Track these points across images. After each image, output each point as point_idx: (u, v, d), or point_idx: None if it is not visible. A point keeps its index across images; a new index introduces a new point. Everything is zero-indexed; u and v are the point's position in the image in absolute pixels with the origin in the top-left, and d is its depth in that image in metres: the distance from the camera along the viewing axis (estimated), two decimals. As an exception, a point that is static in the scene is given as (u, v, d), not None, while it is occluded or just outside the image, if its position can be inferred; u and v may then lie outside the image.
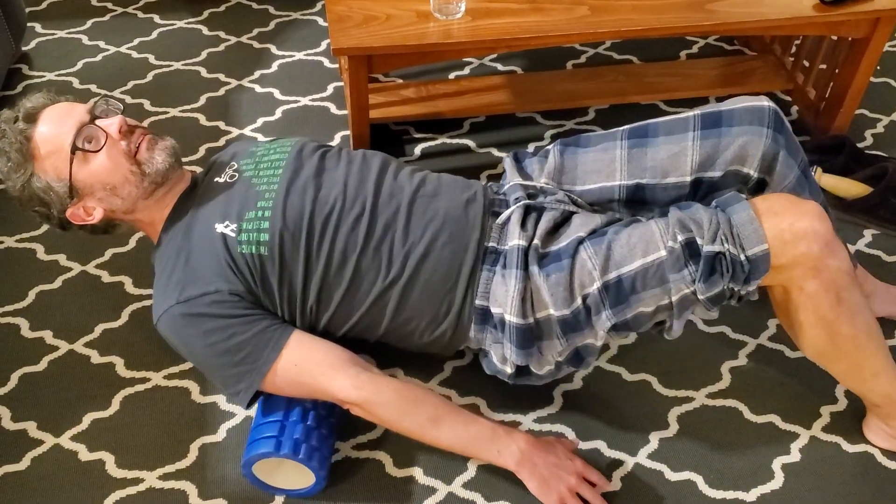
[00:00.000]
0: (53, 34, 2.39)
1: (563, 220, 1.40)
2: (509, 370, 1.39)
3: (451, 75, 2.24)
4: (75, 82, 2.23)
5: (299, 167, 1.41)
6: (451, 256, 1.37)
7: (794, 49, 2.13)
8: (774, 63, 2.15)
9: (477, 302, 1.37)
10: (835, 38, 1.97)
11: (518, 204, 1.40)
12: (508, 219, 1.40)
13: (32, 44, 2.36)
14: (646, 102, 2.16)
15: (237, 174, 1.43)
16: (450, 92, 2.07)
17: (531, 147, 2.04)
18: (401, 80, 2.20)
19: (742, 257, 1.23)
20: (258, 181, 1.40)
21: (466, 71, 2.26)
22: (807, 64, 2.11)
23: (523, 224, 1.37)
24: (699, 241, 1.24)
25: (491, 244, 1.39)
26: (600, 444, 1.47)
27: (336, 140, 2.06)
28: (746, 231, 1.23)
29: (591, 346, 1.36)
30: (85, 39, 2.38)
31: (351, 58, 1.72)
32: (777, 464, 1.45)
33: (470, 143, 2.06)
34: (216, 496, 1.41)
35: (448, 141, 2.07)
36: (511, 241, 1.36)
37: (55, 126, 1.34)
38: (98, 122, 1.35)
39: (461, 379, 1.57)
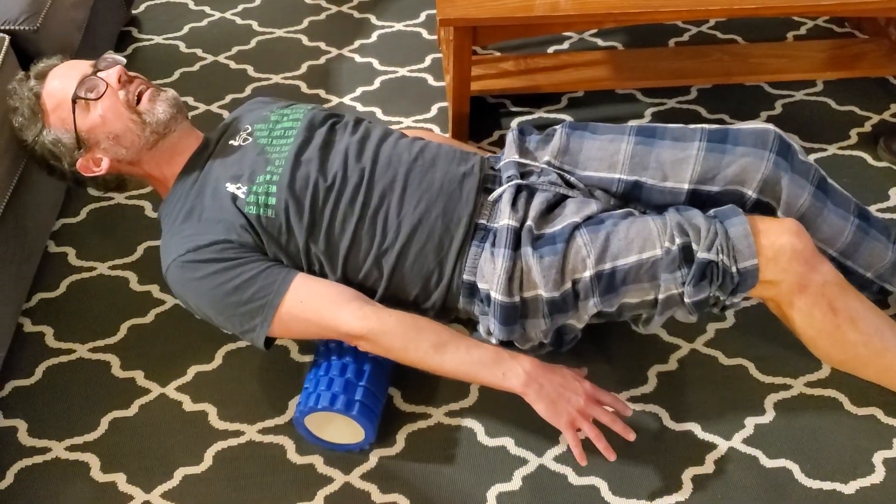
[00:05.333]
0: (162, -1, 2.46)
1: (557, 203, 1.41)
2: (494, 342, 1.40)
3: (550, 49, 2.23)
4: (182, 46, 2.29)
5: (309, 138, 1.45)
6: (443, 229, 1.39)
7: (910, 33, 2.05)
8: (889, 47, 2.07)
9: (465, 276, 1.39)
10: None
11: (510, 183, 1.41)
12: (500, 197, 1.41)
13: (142, 7, 2.43)
14: (750, 83, 2.11)
15: (250, 138, 1.47)
16: (549, 66, 2.06)
17: (630, 122, 2.02)
18: (499, 53, 2.20)
19: (733, 269, 1.28)
20: (270, 148, 1.44)
21: (566, 45, 2.24)
22: (924, 48, 2.03)
23: (514, 204, 1.39)
24: (695, 246, 1.29)
25: (481, 221, 1.41)
26: (694, 427, 1.46)
27: (433, 112, 2.07)
28: (741, 245, 1.28)
29: (572, 326, 1.39)
30: (191, 4, 2.43)
31: (457, 29, 1.73)
32: (878, 458, 1.42)
33: (567, 118, 2.05)
34: (313, 452, 1.45)
35: (545, 115, 2.06)
36: (501, 220, 1.38)
37: (60, 80, 1.42)
38: (99, 73, 1.41)
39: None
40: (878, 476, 1.39)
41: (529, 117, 2.05)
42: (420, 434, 1.47)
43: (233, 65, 2.23)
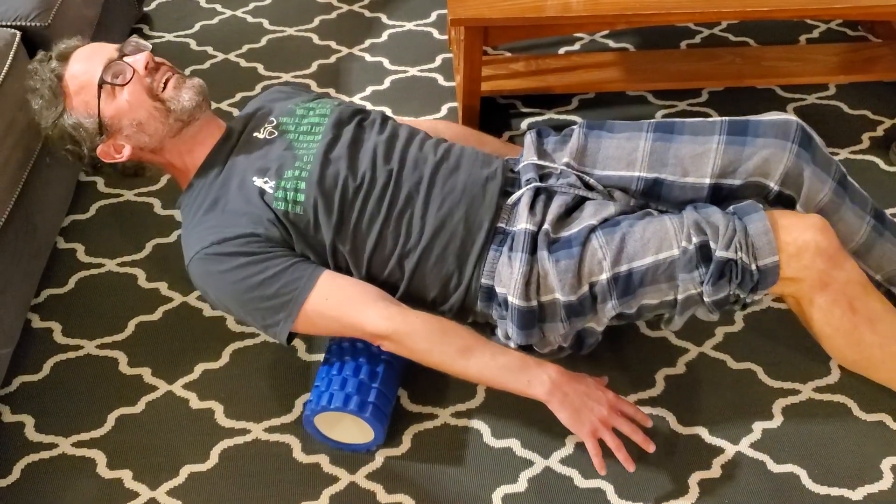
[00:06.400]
0: (173, -4, 2.47)
1: (575, 206, 1.40)
2: (513, 346, 1.39)
3: (561, 50, 2.22)
4: (192, 44, 2.29)
5: (337, 135, 1.44)
6: (465, 232, 1.39)
7: (924, 37, 2.04)
8: (902, 51, 2.06)
9: (483, 280, 1.38)
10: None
11: (529, 186, 1.40)
12: (519, 200, 1.40)
13: (153, 4, 2.43)
14: (762, 86, 2.10)
15: (276, 131, 1.46)
16: (560, 67, 2.05)
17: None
18: (509, 54, 2.19)
19: (753, 267, 1.26)
20: (297, 143, 1.43)
21: (577, 47, 2.23)
22: (938, 53, 2.01)
23: (532, 207, 1.38)
24: (713, 245, 1.27)
25: (500, 224, 1.40)
26: (701, 431, 1.46)
27: (443, 112, 2.07)
28: (761, 241, 1.26)
29: (592, 329, 1.37)
30: (202, 2, 2.44)
31: (468, 29, 1.72)
32: (886, 464, 1.41)
33: (578, 119, 2.05)
34: (319, 451, 1.45)
35: (555, 117, 2.06)
36: (519, 223, 1.37)
37: (85, 63, 1.39)
38: (126, 58, 1.39)
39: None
40: (887, 482, 1.38)
41: (540, 118, 2.05)
42: (426, 434, 1.47)
43: (243, 63, 2.23)
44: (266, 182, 1.39)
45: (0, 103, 1.48)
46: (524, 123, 2.04)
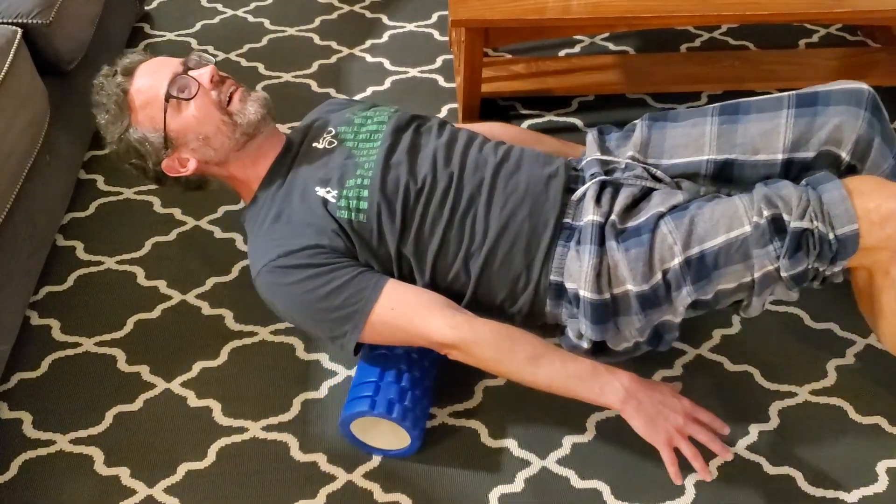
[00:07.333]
0: (174, -5, 2.47)
1: (643, 197, 1.38)
2: (585, 345, 1.38)
3: (562, 53, 2.23)
4: (193, 43, 2.30)
5: (396, 141, 1.44)
6: (530, 231, 1.37)
7: (923, 42, 2.04)
8: (901, 56, 2.07)
9: (552, 277, 1.37)
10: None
11: (594, 180, 1.39)
12: (584, 195, 1.39)
13: (154, 3, 2.44)
14: (761, 90, 2.10)
15: (335, 141, 1.46)
16: (560, 69, 2.06)
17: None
18: (510, 55, 2.20)
19: (831, 236, 1.21)
20: (357, 152, 1.43)
21: (577, 49, 2.24)
22: (936, 58, 2.02)
23: (598, 200, 1.36)
24: (786, 217, 1.23)
25: (566, 220, 1.39)
26: (698, 432, 1.46)
27: (443, 113, 2.08)
28: (837, 210, 1.22)
29: (670, 322, 1.35)
30: (203, 1, 2.44)
31: (468, 30, 1.73)
32: (882, 467, 1.41)
33: (577, 121, 2.05)
34: (316, 450, 1.45)
35: (555, 119, 2.06)
36: (586, 216, 1.35)
37: (150, 77, 1.39)
38: (190, 72, 1.40)
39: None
40: (882, 485, 1.39)
41: (539, 120, 2.05)
42: (424, 434, 1.47)
43: (244, 62, 2.23)
44: (328, 192, 1.38)
45: (1, 101, 1.48)
46: (524, 125, 2.04)
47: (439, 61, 2.23)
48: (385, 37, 2.31)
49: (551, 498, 1.39)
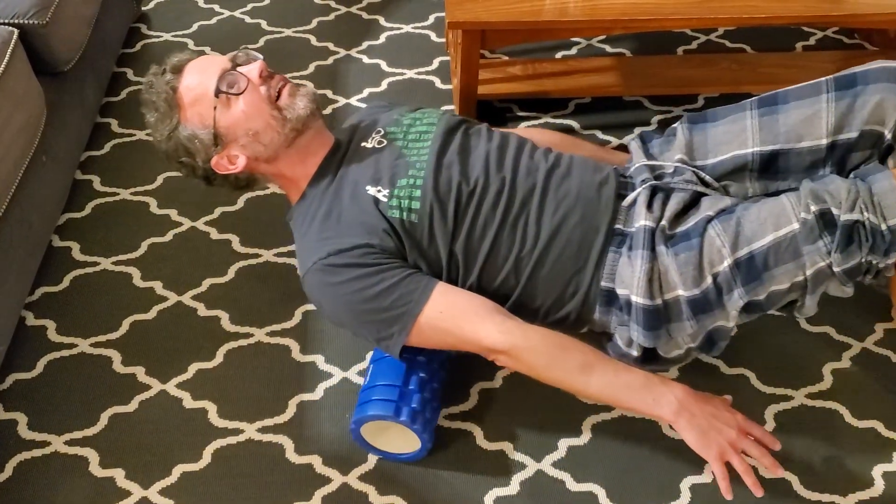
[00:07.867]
0: (171, -5, 2.47)
1: (692, 203, 1.38)
2: (635, 353, 1.37)
3: (558, 55, 2.23)
4: (190, 44, 2.29)
5: (447, 142, 1.43)
6: (581, 237, 1.37)
7: (920, 46, 2.05)
8: (897, 59, 2.07)
9: (602, 284, 1.36)
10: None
11: (644, 185, 1.39)
12: (635, 200, 1.39)
13: (151, 4, 2.43)
14: (758, 93, 2.10)
15: (385, 140, 1.45)
16: (556, 71, 2.06)
17: (637, 130, 2.02)
18: (506, 57, 2.20)
19: (883, 227, 1.20)
20: (407, 151, 1.42)
21: (573, 51, 2.24)
22: (933, 62, 2.02)
23: (650, 205, 1.36)
24: (835, 210, 1.22)
25: (617, 226, 1.38)
26: (694, 435, 1.46)
27: (440, 114, 2.07)
28: (889, 200, 1.21)
29: (723, 328, 1.34)
30: (200, 2, 2.44)
31: (465, 32, 1.73)
32: (878, 471, 1.41)
33: (574, 123, 2.05)
34: (311, 452, 1.45)
35: (552, 121, 2.06)
36: (637, 222, 1.35)
37: (199, 75, 1.39)
38: (239, 68, 1.39)
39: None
40: (878, 489, 1.39)
41: (536, 122, 2.05)
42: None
43: (241, 63, 2.23)
44: (379, 191, 1.37)
45: (-3, 101, 1.48)
46: (521, 126, 2.04)
47: (436, 63, 2.22)
48: (382, 38, 2.31)
49: (547, 501, 1.38)
